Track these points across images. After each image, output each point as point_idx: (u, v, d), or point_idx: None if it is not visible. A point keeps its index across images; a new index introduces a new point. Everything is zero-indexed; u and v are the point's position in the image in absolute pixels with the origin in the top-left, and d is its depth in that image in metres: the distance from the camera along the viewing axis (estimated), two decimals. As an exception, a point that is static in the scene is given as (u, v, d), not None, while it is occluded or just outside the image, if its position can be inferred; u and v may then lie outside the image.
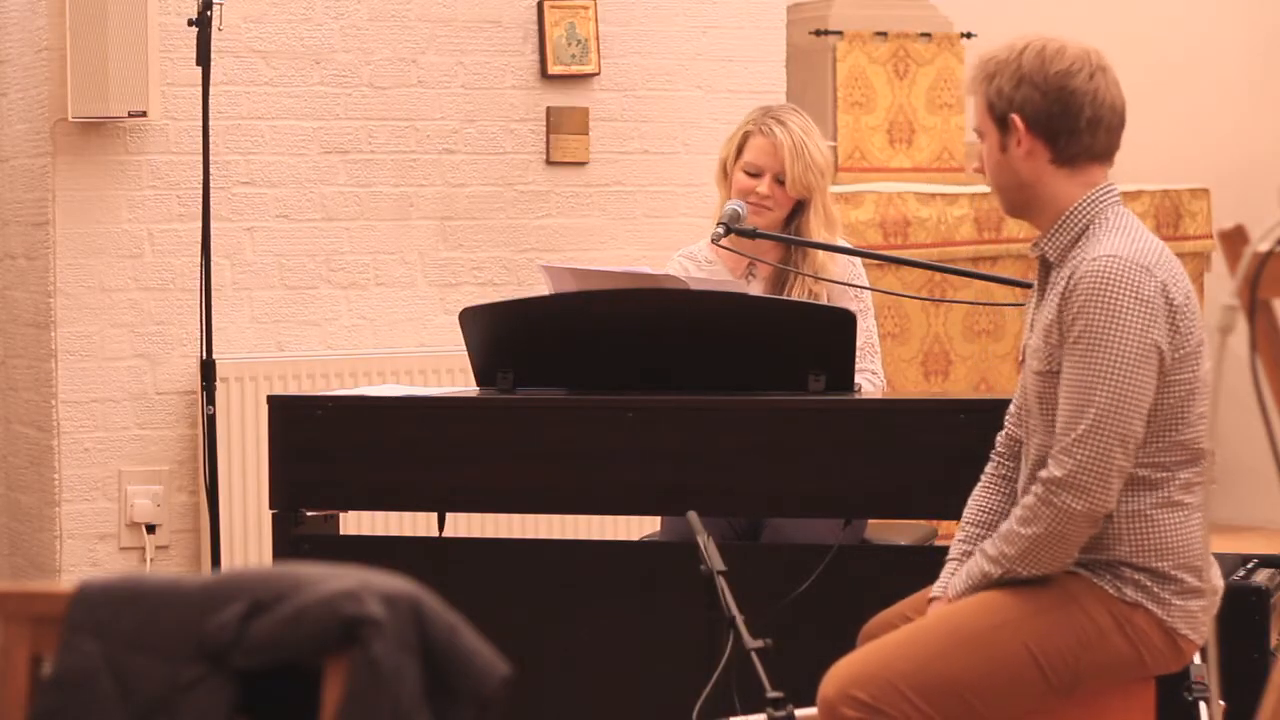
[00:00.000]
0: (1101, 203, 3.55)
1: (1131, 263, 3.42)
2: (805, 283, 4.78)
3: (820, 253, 4.79)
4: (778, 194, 4.77)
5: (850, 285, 4.77)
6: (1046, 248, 3.57)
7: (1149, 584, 3.47)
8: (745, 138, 4.82)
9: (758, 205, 4.76)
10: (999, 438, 3.72)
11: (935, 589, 3.65)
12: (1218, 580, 3.58)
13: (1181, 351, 3.45)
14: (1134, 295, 3.40)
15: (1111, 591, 3.48)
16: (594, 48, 6.45)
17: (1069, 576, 3.50)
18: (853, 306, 4.63)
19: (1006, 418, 3.71)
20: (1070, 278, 3.46)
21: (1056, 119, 3.52)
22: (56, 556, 5.96)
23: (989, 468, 3.72)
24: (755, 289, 4.80)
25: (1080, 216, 3.54)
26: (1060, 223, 3.55)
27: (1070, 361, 3.43)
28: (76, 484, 5.97)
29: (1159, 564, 3.47)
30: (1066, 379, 3.44)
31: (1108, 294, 3.40)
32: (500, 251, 6.41)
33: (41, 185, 5.98)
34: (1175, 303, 3.44)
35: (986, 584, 3.50)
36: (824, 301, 4.75)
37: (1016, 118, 3.53)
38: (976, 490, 3.72)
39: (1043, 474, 3.43)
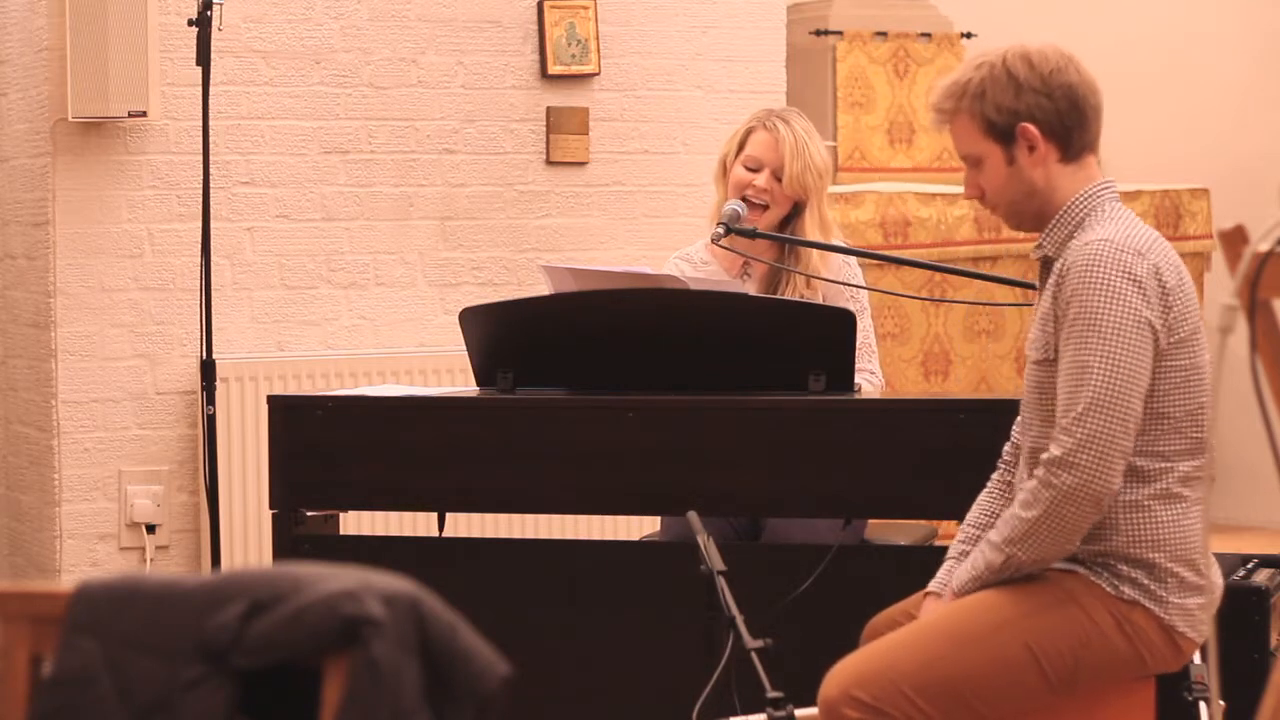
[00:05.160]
0: (1098, 197, 3.57)
1: (1122, 246, 3.45)
2: (798, 284, 4.77)
3: (813, 253, 4.79)
4: (775, 190, 4.77)
5: (845, 285, 4.77)
6: (1045, 244, 3.59)
7: (1145, 581, 3.47)
8: (748, 134, 4.83)
9: (754, 200, 4.76)
10: (1006, 446, 3.73)
11: (933, 585, 3.65)
12: (1217, 579, 3.58)
13: (1176, 335, 3.46)
14: (1125, 275, 3.42)
15: (1109, 589, 3.48)
16: (594, 48, 6.45)
17: (1067, 575, 3.51)
18: (850, 307, 4.63)
19: (1013, 427, 3.72)
20: (1063, 264, 3.48)
21: (1067, 115, 3.55)
22: (56, 556, 5.96)
23: (995, 474, 3.73)
24: (750, 289, 4.80)
25: (1076, 211, 3.56)
26: (1058, 218, 3.57)
27: (1067, 345, 3.45)
28: (76, 484, 5.97)
29: (1153, 555, 3.47)
30: (1064, 362, 3.45)
31: (1099, 274, 3.42)
32: (500, 251, 6.41)
33: (41, 185, 5.98)
34: (1168, 285, 3.45)
35: (990, 572, 3.50)
36: (820, 302, 4.75)
37: (1029, 126, 3.54)
38: (981, 495, 3.73)
39: (1044, 456, 3.44)
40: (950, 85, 3.61)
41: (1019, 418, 3.69)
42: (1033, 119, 3.54)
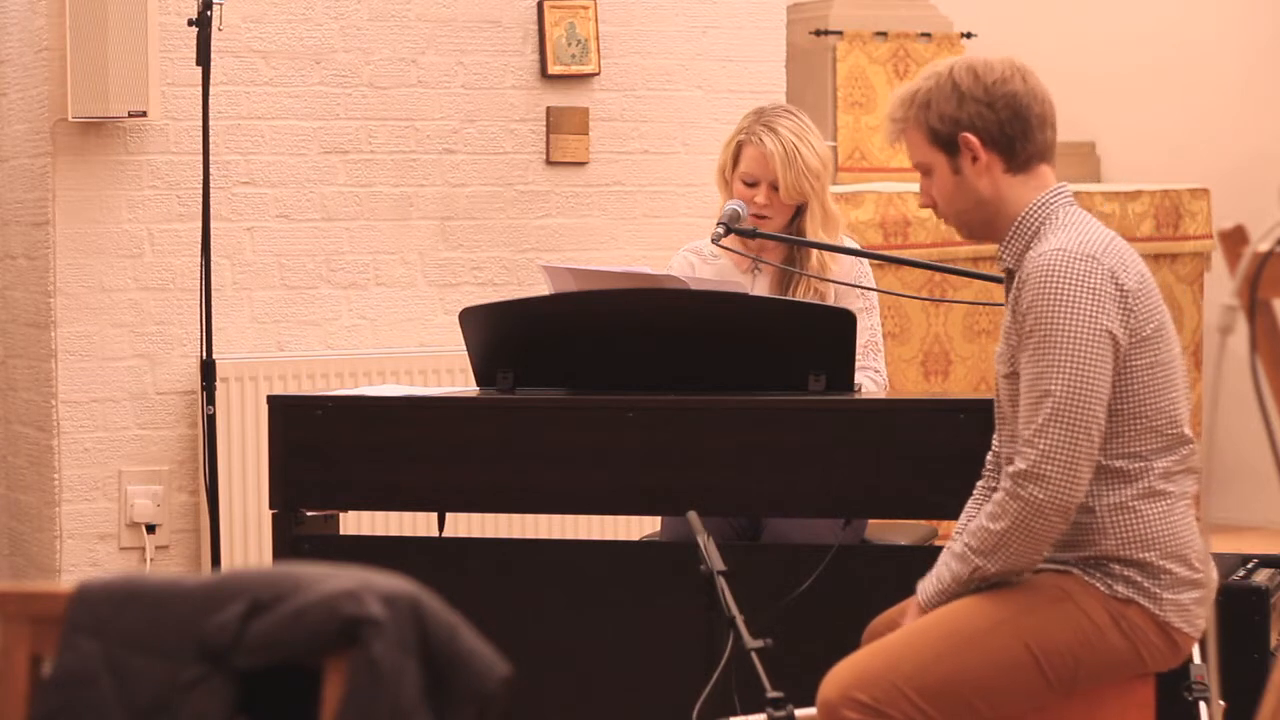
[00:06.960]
0: (1052, 205, 3.57)
1: (1075, 254, 3.45)
2: (810, 282, 4.78)
3: (823, 252, 4.78)
4: (775, 201, 4.77)
5: (854, 285, 4.77)
6: (1005, 256, 3.60)
7: (1138, 579, 3.48)
8: (739, 147, 4.81)
9: (757, 213, 4.76)
10: (989, 456, 3.74)
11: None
12: (1211, 571, 3.58)
13: (1139, 336, 3.46)
14: (1080, 283, 3.43)
15: (1103, 589, 3.49)
16: (594, 48, 6.45)
17: (1063, 576, 3.51)
18: (857, 304, 4.63)
19: (993, 438, 3.72)
20: (1020, 277, 3.49)
21: (1008, 125, 3.56)
22: (56, 556, 5.96)
23: (979, 483, 3.75)
24: (760, 285, 4.80)
25: (1032, 220, 3.57)
26: (1015, 229, 3.58)
27: (1026, 357, 3.46)
28: (76, 484, 5.97)
29: (1145, 555, 3.47)
30: (1024, 374, 3.47)
31: (1054, 285, 3.43)
32: (500, 251, 6.41)
33: (41, 185, 5.98)
34: (1126, 288, 3.46)
35: (956, 584, 3.51)
36: (829, 300, 4.75)
37: (970, 136, 3.56)
38: (968, 504, 3.74)
39: (1008, 468, 3.45)
40: (901, 96, 3.65)
41: (997, 429, 3.70)
42: (973, 128, 3.56)
